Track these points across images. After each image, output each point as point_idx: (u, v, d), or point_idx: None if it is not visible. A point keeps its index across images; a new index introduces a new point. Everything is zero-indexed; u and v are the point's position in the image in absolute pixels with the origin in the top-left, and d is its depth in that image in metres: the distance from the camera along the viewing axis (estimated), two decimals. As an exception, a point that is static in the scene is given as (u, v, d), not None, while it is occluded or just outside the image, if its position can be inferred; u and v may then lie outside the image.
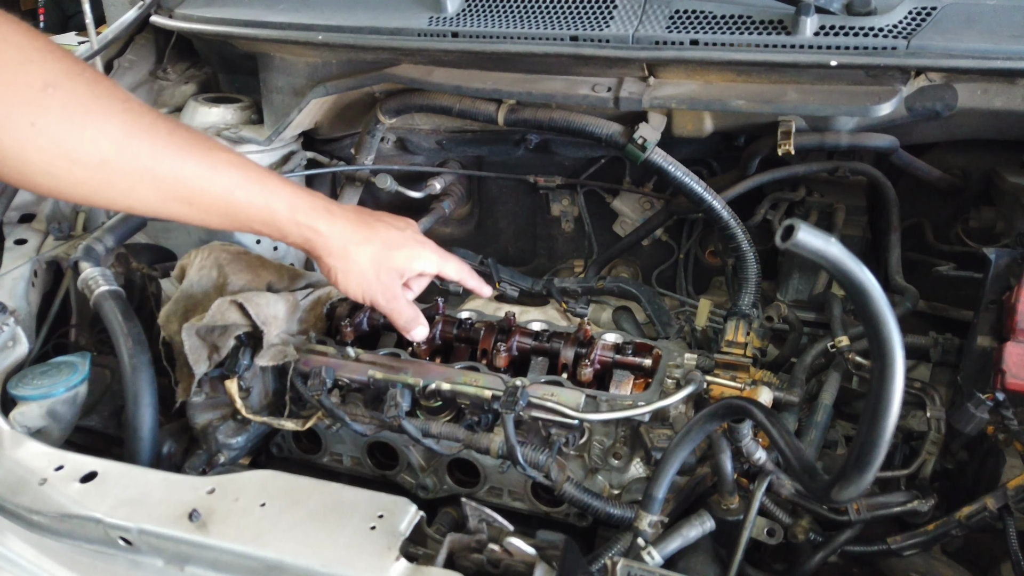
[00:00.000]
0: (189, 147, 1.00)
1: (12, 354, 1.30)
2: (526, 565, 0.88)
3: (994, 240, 1.46)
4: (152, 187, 0.98)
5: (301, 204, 1.11)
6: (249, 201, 1.06)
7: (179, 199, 1.01)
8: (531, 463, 1.16)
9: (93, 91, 0.92)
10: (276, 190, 1.09)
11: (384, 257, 1.18)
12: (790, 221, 0.72)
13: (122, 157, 0.94)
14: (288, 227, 1.11)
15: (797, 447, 0.98)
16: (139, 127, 0.96)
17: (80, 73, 0.91)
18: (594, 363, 1.28)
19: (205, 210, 1.04)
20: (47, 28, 7.71)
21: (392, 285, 1.21)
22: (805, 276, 1.59)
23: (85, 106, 0.91)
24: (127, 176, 0.96)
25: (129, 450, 1.19)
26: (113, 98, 0.94)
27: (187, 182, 1.00)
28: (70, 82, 0.90)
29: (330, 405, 1.26)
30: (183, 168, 1.00)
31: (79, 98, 0.90)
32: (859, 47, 1.22)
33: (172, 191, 1.00)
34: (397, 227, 1.23)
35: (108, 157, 0.93)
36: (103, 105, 0.93)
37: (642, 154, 1.38)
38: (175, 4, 1.73)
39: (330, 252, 1.15)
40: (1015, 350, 1.09)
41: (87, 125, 0.91)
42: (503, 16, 1.42)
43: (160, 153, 0.97)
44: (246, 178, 1.06)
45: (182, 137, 1.00)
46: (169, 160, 0.98)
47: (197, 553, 0.94)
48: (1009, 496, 1.06)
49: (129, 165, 0.95)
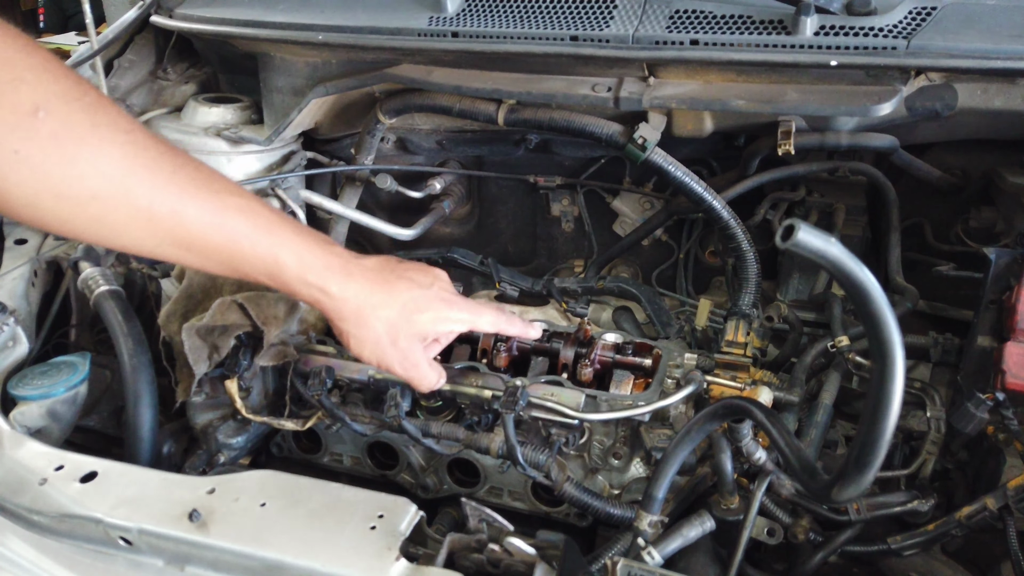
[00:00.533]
0: (194, 187, 0.92)
1: (12, 354, 1.30)
2: (526, 565, 0.88)
3: (994, 240, 1.46)
4: (148, 228, 0.90)
5: (313, 261, 1.01)
6: (255, 253, 0.97)
7: (177, 243, 0.93)
8: (531, 463, 1.16)
9: (91, 119, 0.84)
10: (287, 242, 0.99)
11: (404, 323, 1.07)
12: (790, 221, 0.72)
13: (115, 194, 0.86)
14: (296, 285, 1.01)
15: (797, 447, 0.98)
16: (139, 162, 0.87)
17: (79, 97, 0.83)
18: (594, 363, 1.28)
19: (205, 256, 0.96)
20: (47, 28, 7.72)
21: (411, 352, 1.10)
22: (805, 276, 1.59)
23: (79, 136, 0.82)
24: (119, 215, 0.87)
25: (129, 450, 1.20)
26: (114, 128, 0.86)
27: (188, 226, 0.92)
28: (65, 107, 0.81)
29: (330, 405, 1.26)
30: (185, 210, 0.91)
31: (73, 126, 0.82)
32: (859, 47, 1.22)
33: (170, 234, 0.91)
34: (422, 284, 1.11)
35: (99, 194, 0.85)
36: (101, 135, 0.84)
37: (642, 154, 1.38)
38: (175, 4, 1.73)
39: (342, 316, 1.05)
40: (1015, 350, 1.09)
41: (78, 158, 0.83)
42: (503, 16, 1.42)
43: (160, 192, 0.89)
44: (254, 226, 0.97)
45: (187, 175, 0.92)
46: (170, 201, 0.89)
47: (197, 553, 0.94)
48: (1009, 496, 1.06)
49: (123, 203, 0.87)
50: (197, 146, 1.60)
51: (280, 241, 0.99)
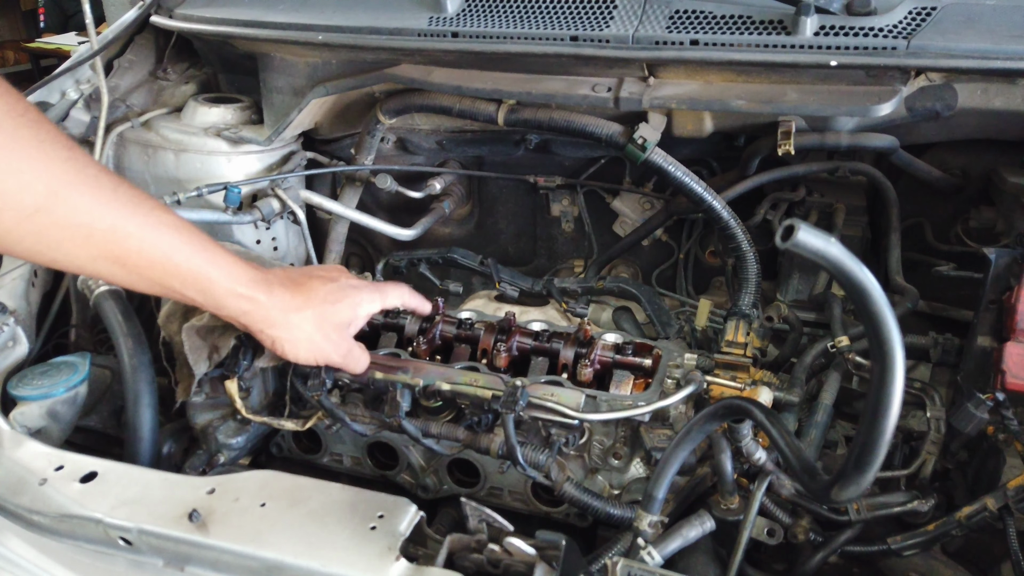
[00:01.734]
0: (133, 205, 0.95)
1: (12, 354, 1.30)
2: (526, 565, 0.88)
3: (994, 240, 1.46)
4: (85, 243, 0.92)
5: (241, 275, 1.06)
6: (189, 267, 1.01)
7: (111, 259, 0.95)
8: (531, 463, 1.16)
9: (36, 134, 0.85)
10: (217, 259, 1.04)
11: (328, 315, 1.15)
12: (790, 221, 0.72)
13: (58, 208, 0.87)
14: (225, 298, 1.06)
15: (797, 447, 0.98)
16: (82, 178, 0.89)
17: (23, 114, 0.85)
18: (594, 363, 1.28)
19: (137, 273, 0.98)
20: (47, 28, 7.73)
21: (342, 340, 1.18)
22: (805, 276, 1.59)
23: (24, 150, 0.84)
24: (59, 229, 0.89)
25: (129, 450, 1.20)
26: (56, 144, 0.87)
27: (124, 241, 0.94)
28: (10, 122, 0.83)
29: (330, 406, 1.26)
30: (125, 227, 0.93)
31: (19, 140, 0.83)
32: (859, 47, 1.22)
33: (106, 250, 0.94)
34: (330, 278, 1.19)
35: (43, 207, 0.86)
36: (45, 151, 0.86)
37: (642, 154, 1.38)
38: (175, 4, 1.73)
39: (272, 323, 1.11)
40: (1015, 350, 1.09)
41: (24, 170, 0.84)
42: (503, 16, 1.42)
43: (102, 208, 0.91)
44: (187, 243, 1.01)
45: (126, 194, 0.95)
46: (111, 217, 0.92)
47: (197, 553, 0.94)
48: (1009, 496, 1.06)
49: (64, 217, 0.88)
50: (197, 146, 1.60)
51: (211, 258, 1.03)
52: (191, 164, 1.61)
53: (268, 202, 1.58)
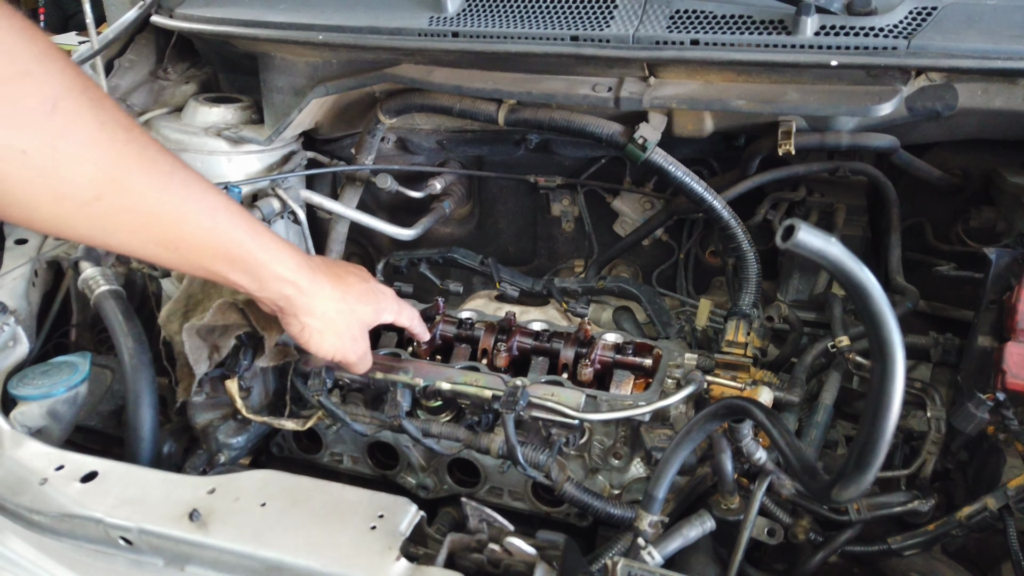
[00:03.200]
0: (188, 189, 0.91)
1: (12, 354, 1.30)
2: (526, 565, 0.88)
3: (994, 240, 1.46)
4: (141, 229, 0.88)
5: (288, 259, 1.04)
6: (240, 252, 0.99)
7: (164, 243, 0.91)
8: (531, 463, 1.16)
9: (97, 115, 0.78)
10: (267, 242, 1.02)
11: (359, 313, 1.15)
12: (790, 221, 0.72)
13: (118, 196, 0.82)
14: (270, 281, 1.04)
15: (797, 447, 0.98)
16: (141, 163, 0.84)
17: (83, 90, 0.77)
18: (594, 363, 1.28)
19: (188, 257, 0.95)
20: (47, 28, 7.71)
21: (362, 341, 1.18)
22: (805, 276, 1.59)
23: (87, 134, 0.77)
24: (118, 215, 0.84)
25: (129, 450, 1.20)
26: (117, 125, 0.81)
27: (179, 226, 0.91)
28: (73, 102, 0.75)
29: (330, 406, 1.26)
30: (180, 211, 0.90)
31: (82, 123, 0.76)
32: (859, 47, 1.22)
33: (160, 234, 0.90)
34: (363, 277, 1.19)
35: (103, 193, 0.80)
36: (108, 133, 0.79)
37: (642, 154, 1.38)
38: (175, 4, 1.73)
39: (309, 311, 1.09)
40: (1015, 350, 1.09)
41: (85, 158, 0.77)
42: (503, 16, 1.42)
43: (159, 194, 0.87)
44: (240, 227, 0.98)
45: (182, 178, 0.91)
46: (168, 203, 0.88)
47: (197, 553, 0.94)
48: (1009, 496, 1.06)
49: (123, 205, 0.84)
50: (197, 146, 1.60)
51: (263, 242, 1.02)
52: (191, 164, 1.57)
53: (268, 202, 1.58)
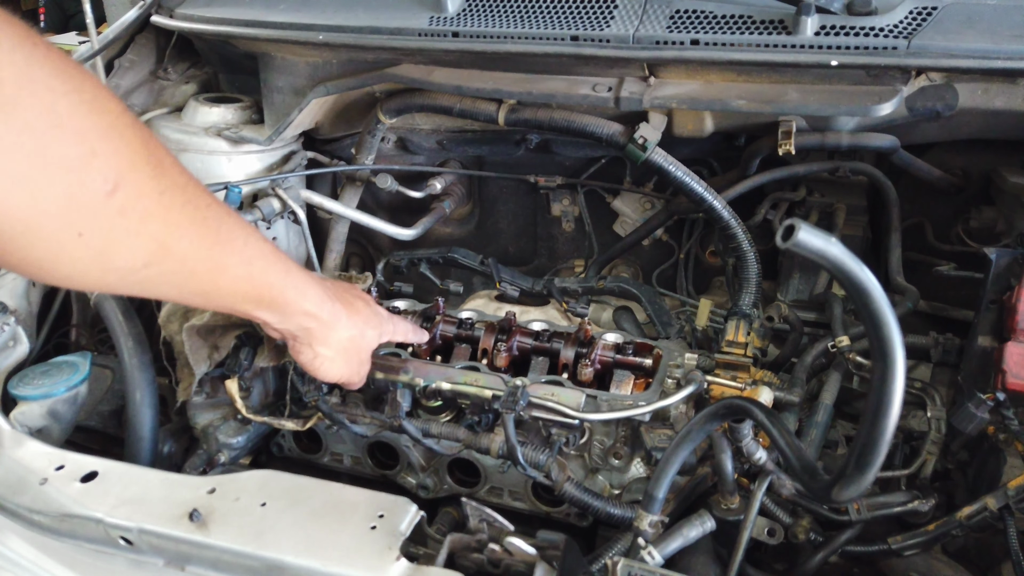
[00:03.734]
0: (231, 240, 0.87)
1: (13, 354, 1.30)
2: (526, 565, 0.88)
3: (995, 240, 1.46)
4: (181, 283, 0.84)
5: (311, 293, 1.03)
6: (271, 293, 0.97)
7: (198, 292, 0.88)
8: (531, 463, 1.16)
9: (159, 184, 0.73)
10: (296, 280, 1.00)
11: (367, 339, 1.17)
12: (791, 221, 0.72)
13: (167, 262, 0.78)
14: (294, 316, 1.03)
15: (798, 447, 0.98)
16: (193, 224, 0.79)
17: (148, 160, 0.72)
18: (594, 363, 1.28)
19: (217, 300, 0.93)
20: (48, 28, 7.71)
21: (365, 365, 1.21)
22: (806, 276, 1.59)
23: (146, 209, 0.72)
24: (162, 277, 0.80)
25: (130, 450, 1.20)
26: (175, 189, 0.76)
27: (218, 279, 0.88)
28: (135, 177, 0.70)
29: (328, 409, 1.26)
30: (223, 264, 0.87)
31: (142, 199, 0.71)
32: (860, 47, 1.22)
33: (197, 287, 0.87)
34: (366, 301, 1.20)
35: (152, 262, 0.76)
36: (165, 203, 0.74)
37: (643, 154, 1.38)
38: (176, 4, 1.73)
39: (326, 342, 1.10)
40: (1016, 350, 1.09)
41: (141, 232, 0.72)
42: (504, 16, 1.42)
43: (206, 252, 0.83)
44: (275, 269, 0.96)
45: (228, 231, 0.86)
46: (213, 259, 0.84)
47: (198, 553, 0.94)
48: (1010, 496, 1.06)
49: (171, 269, 0.80)
50: (197, 146, 1.60)
51: (292, 281, 1.00)
52: (192, 164, 1.61)
53: (269, 202, 1.58)
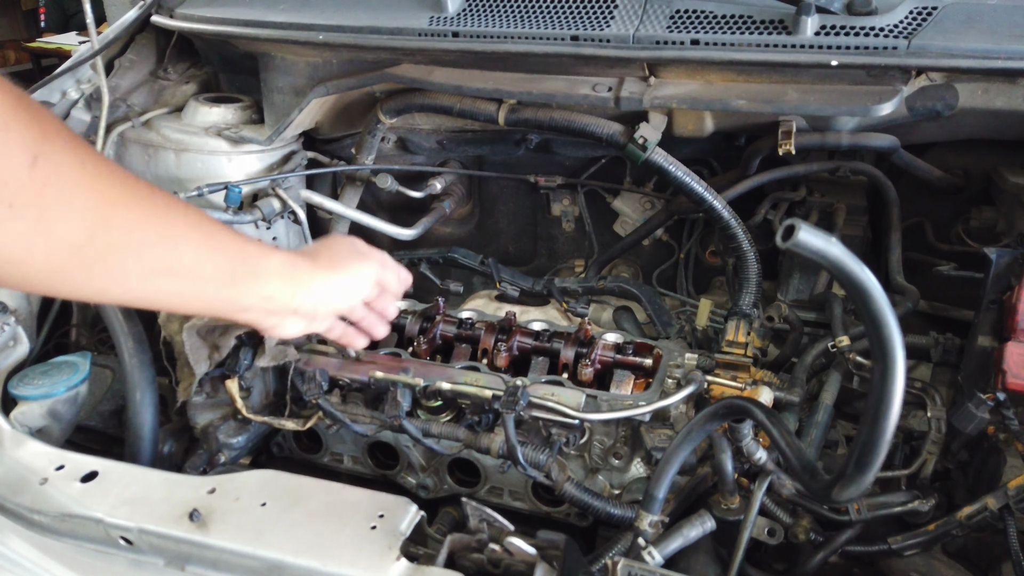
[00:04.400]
0: (173, 211, 0.87)
1: (13, 354, 1.30)
2: (527, 565, 0.88)
3: (995, 240, 1.46)
4: (135, 261, 0.83)
5: (298, 282, 1.00)
6: (238, 249, 0.93)
7: (163, 270, 0.86)
8: (532, 463, 1.16)
9: (78, 157, 0.77)
10: (268, 249, 0.98)
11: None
12: (791, 221, 0.72)
13: (111, 232, 0.80)
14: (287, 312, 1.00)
15: (798, 447, 0.98)
16: (125, 195, 0.81)
17: (59, 134, 0.76)
18: (595, 363, 1.28)
19: (191, 285, 0.90)
20: (48, 28, 7.72)
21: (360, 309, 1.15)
22: (806, 276, 1.59)
23: (71, 178, 0.76)
24: (111, 255, 0.81)
25: (130, 450, 1.20)
26: (98, 164, 0.80)
27: (176, 249, 0.87)
28: (52, 148, 0.74)
29: (328, 408, 1.26)
30: (173, 232, 0.86)
31: (65, 169, 0.75)
32: (860, 47, 1.22)
33: (155, 263, 0.85)
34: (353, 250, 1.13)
35: (95, 233, 0.78)
36: (90, 173, 0.78)
37: (643, 154, 1.38)
38: (176, 4, 1.73)
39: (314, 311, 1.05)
40: (1016, 350, 1.09)
41: (72, 200, 0.76)
42: (504, 16, 1.42)
43: (150, 220, 0.83)
44: (235, 238, 0.93)
45: (168, 204, 0.87)
46: (160, 226, 0.84)
47: (198, 553, 0.94)
48: (1010, 496, 1.06)
49: (115, 241, 0.80)
50: (198, 146, 1.60)
51: (252, 244, 0.97)
52: (192, 164, 1.61)
53: (269, 202, 1.58)
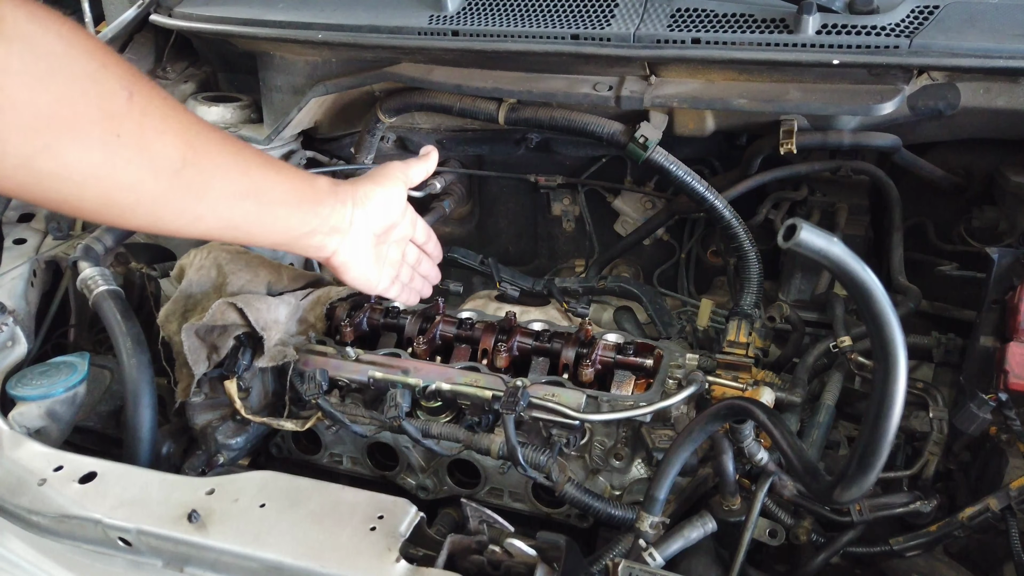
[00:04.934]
0: (244, 147, 0.99)
1: (11, 354, 1.30)
2: (527, 566, 0.87)
3: (997, 240, 1.46)
4: (227, 184, 0.95)
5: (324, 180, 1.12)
6: (304, 178, 1.07)
7: (248, 193, 0.98)
8: (532, 464, 1.16)
9: (162, 92, 0.88)
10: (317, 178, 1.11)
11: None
12: (792, 221, 0.71)
13: (200, 159, 0.90)
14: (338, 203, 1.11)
15: (799, 448, 0.97)
16: (204, 127, 0.93)
17: (140, 74, 0.87)
18: (595, 363, 1.28)
19: (269, 207, 1.02)
20: (47, 27, 7.71)
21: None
22: (807, 276, 1.58)
23: (162, 110, 0.86)
24: (205, 178, 0.92)
25: (128, 451, 1.19)
26: (177, 104, 0.91)
27: (257, 170, 0.99)
28: (143, 84, 0.85)
29: (328, 408, 1.26)
30: (248, 161, 0.97)
31: (156, 102, 0.86)
32: (861, 46, 1.22)
33: (242, 187, 0.97)
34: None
35: (187, 159, 0.88)
36: (175, 107, 0.89)
37: (643, 153, 1.38)
38: (174, 3, 1.72)
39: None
40: (1018, 350, 1.08)
41: (166, 130, 0.86)
42: (504, 15, 1.41)
43: (231, 151, 0.95)
44: (292, 168, 1.07)
45: (234, 140, 0.99)
46: (241, 152, 0.96)
47: (196, 554, 0.94)
48: (1012, 497, 1.06)
49: (208, 167, 0.91)
50: (197, 145, 1.59)
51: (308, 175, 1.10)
52: (191, 163, 1.61)
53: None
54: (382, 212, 1.20)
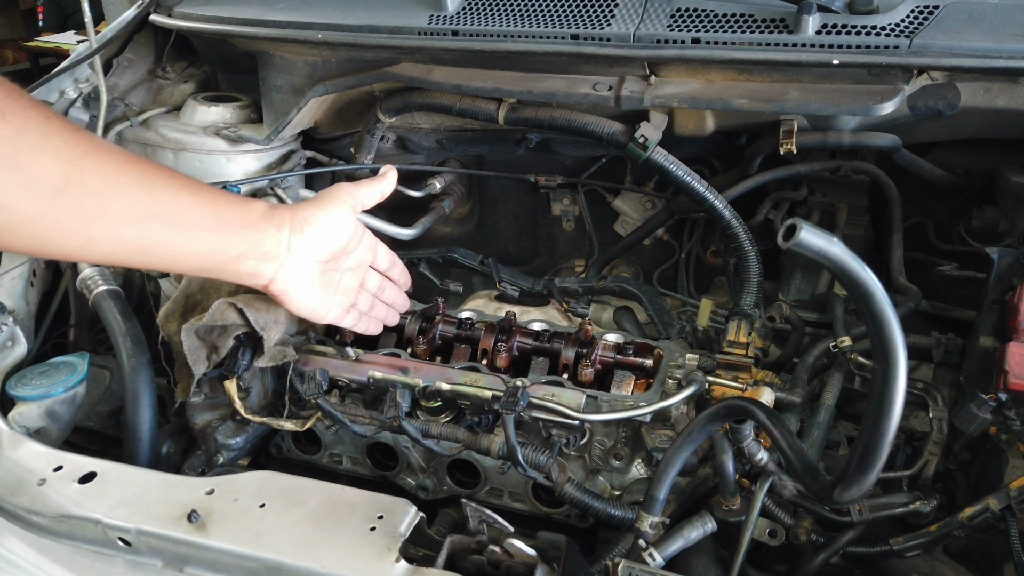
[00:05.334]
0: (144, 163, 0.95)
1: (11, 354, 1.30)
2: (527, 566, 0.87)
3: (997, 240, 1.46)
4: (115, 206, 0.90)
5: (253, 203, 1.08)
6: (210, 197, 1.01)
7: (144, 216, 0.93)
8: (532, 464, 1.16)
9: (41, 113, 0.85)
10: (250, 202, 1.07)
11: None
12: (792, 220, 0.71)
13: (86, 176, 0.86)
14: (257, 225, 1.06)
15: (799, 448, 0.97)
16: (95, 146, 0.89)
17: (21, 97, 0.84)
18: (595, 363, 1.28)
19: (175, 228, 0.96)
20: (46, 27, 7.72)
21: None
22: (807, 276, 1.58)
23: (40, 129, 0.84)
24: (88, 200, 0.87)
25: (128, 450, 1.19)
26: (63, 122, 0.88)
27: (155, 192, 0.93)
28: (18, 103, 0.83)
29: (328, 408, 1.26)
30: (151, 178, 0.93)
31: (32, 122, 0.83)
32: (861, 46, 1.22)
33: (134, 208, 0.91)
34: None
35: (71, 177, 0.85)
36: (56, 125, 0.86)
37: (643, 153, 1.38)
38: (174, 3, 1.72)
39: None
40: (1018, 350, 1.08)
41: (45, 148, 0.84)
42: (504, 14, 1.41)
43: (124, 167, 0.90)
44: (204, 188, 1.01)
45: (136, 158, 0.95)
46: (135, 172, 0.91)
47: (196, 554, 0.94)
48: (1012, 497, 1.06)
49: (92, 185, 0.87)
50: (196, 145, 1.60)
51: (224, 194, 1.05)
52: (190, 163, 1.61)
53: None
54: (325, 238, 1.14)
